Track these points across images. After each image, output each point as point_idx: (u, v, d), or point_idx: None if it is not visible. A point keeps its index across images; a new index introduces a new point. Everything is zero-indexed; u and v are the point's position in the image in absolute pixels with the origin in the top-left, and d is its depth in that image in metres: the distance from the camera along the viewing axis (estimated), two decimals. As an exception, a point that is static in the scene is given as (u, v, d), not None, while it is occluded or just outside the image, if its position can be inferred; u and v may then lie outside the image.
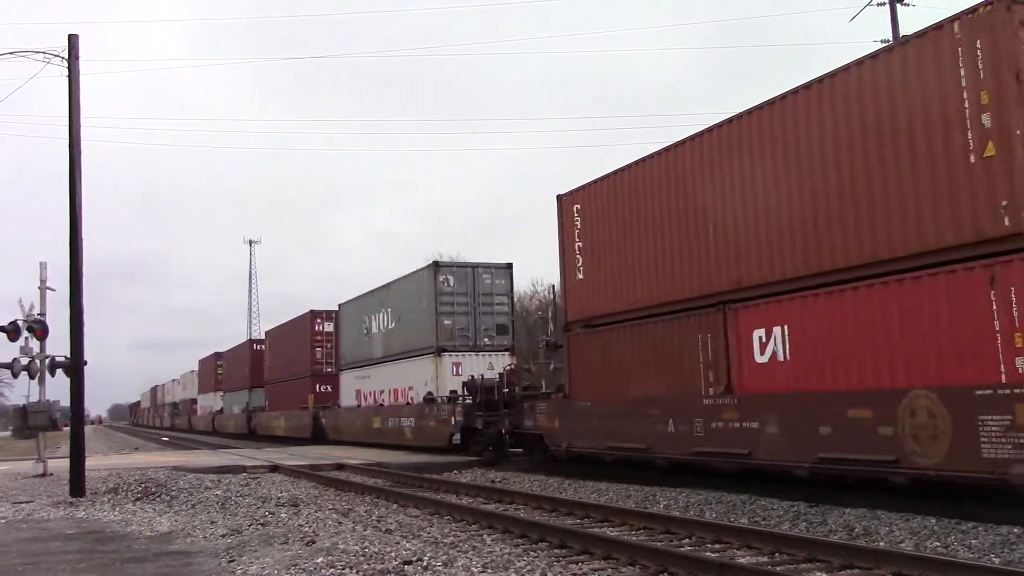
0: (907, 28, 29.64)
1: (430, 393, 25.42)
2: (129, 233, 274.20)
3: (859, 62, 11.93)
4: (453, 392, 24.42)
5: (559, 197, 18.86)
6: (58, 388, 19.22)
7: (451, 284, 25.85)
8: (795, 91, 12.90)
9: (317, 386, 36.97)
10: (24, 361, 19.01)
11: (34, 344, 19.06)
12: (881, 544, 9.47)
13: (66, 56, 16.84)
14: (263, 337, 49.75)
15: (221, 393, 58.36)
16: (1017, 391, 9.56)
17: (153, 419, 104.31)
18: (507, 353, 25.98)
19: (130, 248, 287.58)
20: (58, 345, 18.40)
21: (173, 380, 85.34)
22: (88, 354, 16.64)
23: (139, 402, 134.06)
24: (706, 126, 14.59)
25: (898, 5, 29.36)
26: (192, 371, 72.12)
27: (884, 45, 16.10)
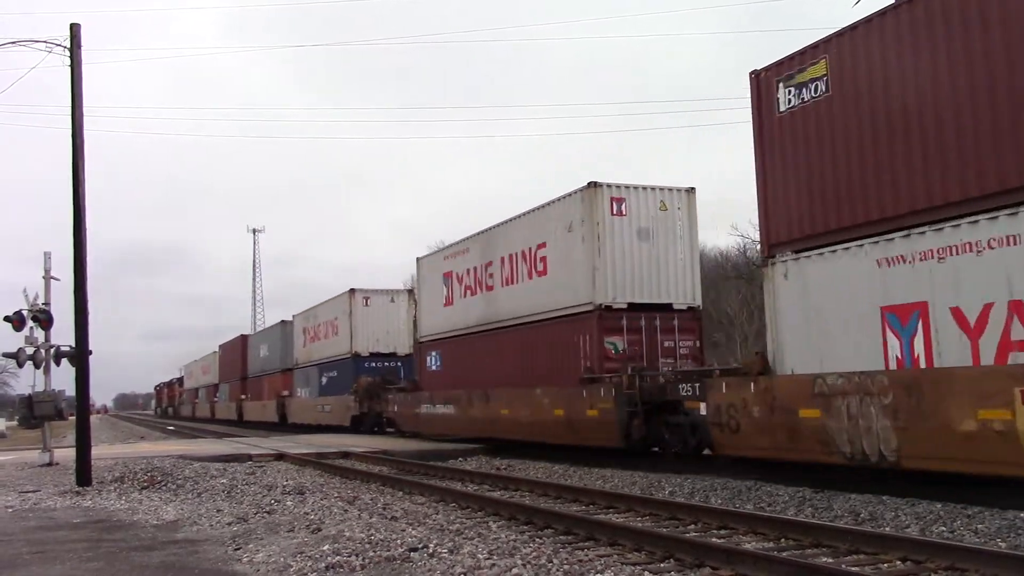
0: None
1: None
2: (144, 223, 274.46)
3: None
4: None
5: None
6: (64, 378, 19.29)
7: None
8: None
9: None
10: (29, 351, 19.06)
11: (39, 334, 19.10)
12: (887, 529, 9.46)
13: (68, 45, 16.79)
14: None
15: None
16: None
17: (225, 405, 56.83)
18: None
19: (144, 238, 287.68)
20: (65, 335, 18.44)
21: (332, 299, 36.88)
22: (94, 344, 16.70)
23: (177, 380, 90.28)
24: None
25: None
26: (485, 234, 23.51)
27: None
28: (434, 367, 26.66)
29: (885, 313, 11.57)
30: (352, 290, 34.40)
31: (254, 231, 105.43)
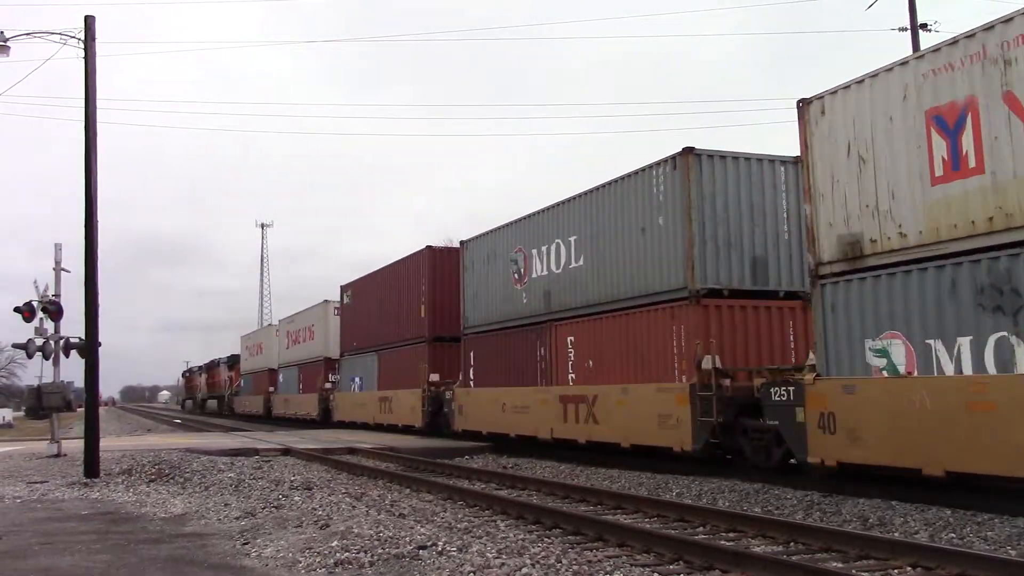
0: (924, 15, 29.22)
1: None
2: (159, 216, 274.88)
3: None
4: None
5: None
6: (72, 369, 19.33)
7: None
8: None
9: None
10: (39, 342, 19.12)
11: (49, 325, 19.16)
12: (896, 535, 9.41)
13: (82, 38, 16.83)
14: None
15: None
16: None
17: (365, 399, 31.13)
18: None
19: (158, 232, 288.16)
20: (75, 326, 18.48)
21: None
22: (104, 336, 16.73)
23: (224, 362, 63.60)
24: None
25: (917, -8, 28.92)
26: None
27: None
28: None
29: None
30: None
31: (262, 226, 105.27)
